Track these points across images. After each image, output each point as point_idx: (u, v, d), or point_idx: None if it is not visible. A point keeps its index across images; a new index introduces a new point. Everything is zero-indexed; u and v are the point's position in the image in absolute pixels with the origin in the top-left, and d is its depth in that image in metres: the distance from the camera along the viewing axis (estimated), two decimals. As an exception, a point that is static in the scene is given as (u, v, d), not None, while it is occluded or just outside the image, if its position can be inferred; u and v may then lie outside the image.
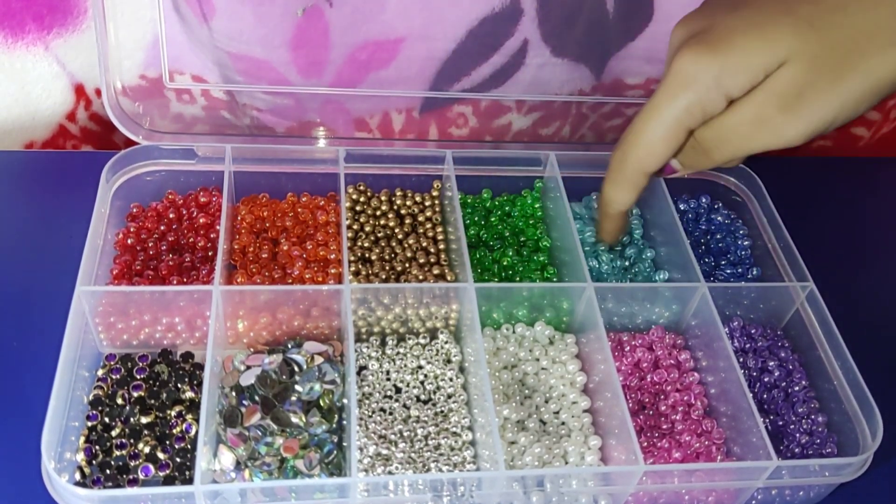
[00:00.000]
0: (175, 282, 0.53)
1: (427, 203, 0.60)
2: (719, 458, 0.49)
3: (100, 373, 0.50)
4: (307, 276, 0.54)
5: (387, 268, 0.55)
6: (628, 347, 0.54)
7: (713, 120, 0.41)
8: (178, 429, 0.47)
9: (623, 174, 0.46)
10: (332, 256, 0.55)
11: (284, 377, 0.48)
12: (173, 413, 0.48)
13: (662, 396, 0.52)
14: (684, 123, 0.41)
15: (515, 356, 0.53)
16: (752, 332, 0.56)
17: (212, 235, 0.56)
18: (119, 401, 0.48)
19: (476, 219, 0.60)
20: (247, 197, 0.59)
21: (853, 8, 0.38)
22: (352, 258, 0.56)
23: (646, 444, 0.50)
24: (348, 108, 0.61)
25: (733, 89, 0.39)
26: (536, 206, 0.61)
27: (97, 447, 0.46)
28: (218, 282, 0.49)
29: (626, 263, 0.59)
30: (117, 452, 0.46)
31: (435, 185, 0.61)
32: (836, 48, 0.38)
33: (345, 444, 0.46)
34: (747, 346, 0.55)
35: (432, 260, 0.56)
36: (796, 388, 0.53)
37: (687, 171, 0.46)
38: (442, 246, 0.57)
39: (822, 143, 0.77)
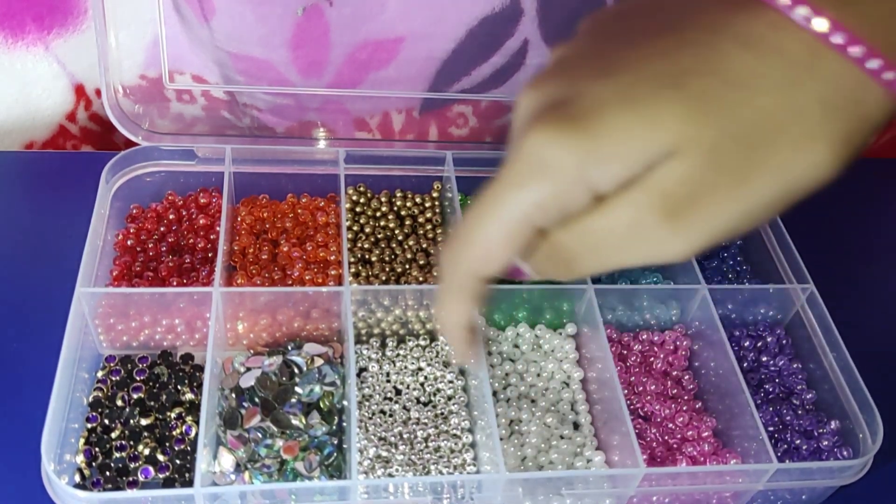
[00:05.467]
0: (175, 283, 0.53)
1: (427, 204, 0.60)
2: (719, 460, 0.49)
3: (99, 374, 0.50)
4: (307, 278, 0.54)
5: (387, 269, 0.55)
6: (628, 349, 0.54)
7: (574, 221, 0.30)
8: (178, 430, 0.47)
9: (453, 279, 0.34)
10: (332, 258, 0.55)
11: (284, 379, 0.48)
12: (173, 415, 0.48)
13: (662, 398, 0.52)
14: (533, 221, 0.31)
15: (516, 357, 0.53)
16: (752, 334, 0.56)
17: (212, 237, 0.56)
18: (119, 402, 0.48)
19: (476, 220, 0.59)
20: (247, 198, 0.59)
21: (762, 86, 0.28)
22: (352, 259, 0.56)
23: (646, 446, 0.49)
24: (348, 107, 0.61)
25: (602, 183, 0.29)
26: (537, 206, 0.61)
27: (97, 449, 0.46)
28: (218, 283, 0.49)
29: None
30: (117, 454, 0.46)
31: (435, 187, 0.61)
32: (739, 138, 0.28)
33: (345, 446, 0.46)
34: (747, 347, 0.55)
35: (432, 261, 0.56)
36: (796, 391, 0.53)
37: (542, 277, 0.34)
38: (442, 247, 0.57)
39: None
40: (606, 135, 0.28)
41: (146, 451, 0.46)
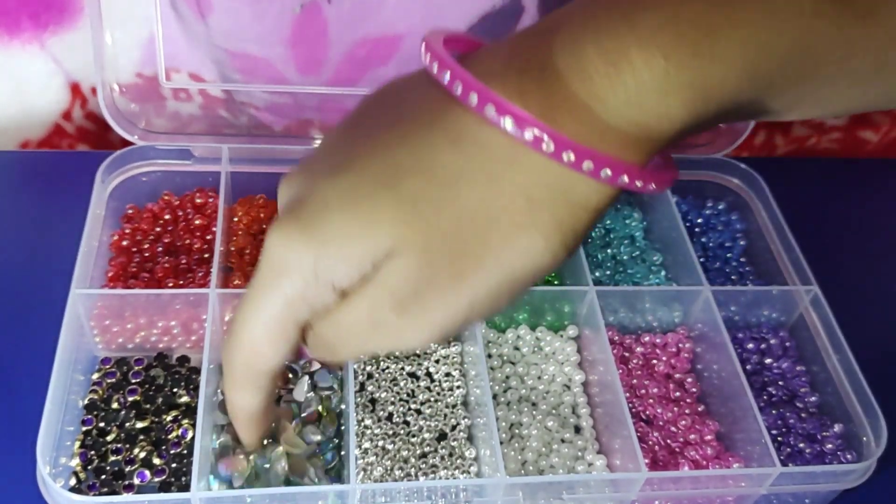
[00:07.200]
0: (171, 284, 0.52)
1: (427, 204, 0.59)
2: (722, 464, 0.49)
3: (95, 377, 0.49)
4: (305, 279, 0.53)
5: (386, 270, 0.55)
6: (630, 351, 0.54)
7: (327, 314, 0.31)
8: (175, 434, 0.47)
9: (232, 373, 0.35)
10: (331, 258, 0.54)
11: (280, 383, 0.48)
12: (169, 418, 0.47)
13: (665, 401, 0.51)
14: (289, 319, 0.31)
15: (516, 360, 0.53)
16: (756, 335, 0.55)
17: (208, 237, 0.55)
18: (114, 405, 0.48)
19: (476, 220, 0.59)
20: (244, 198, 0.58)
21: (467, 182, 0.28)
22: (350, 260, 0.55)
23: (648, 450, 0.49)
24: (347, 106, 0.60)
25: (339, 280, 0.30)
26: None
27: (92, 452, 0.46)
28: (214, 284, 0.49)
29: (629, 269, 0.58)
30: (113, 458, 0.46)
31: (435, 186, 0.61)
32: (449, 235, 0.28)
33: (343, 451, 0.46)
34: (750, 349, 0.55)
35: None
36: (800, 393, 0.52)
37: (319, 359, 0.35)
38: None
39: (827, 145, 0.76)
40: (330, 238, 0.29)
41: (142, 455, 0.46)
